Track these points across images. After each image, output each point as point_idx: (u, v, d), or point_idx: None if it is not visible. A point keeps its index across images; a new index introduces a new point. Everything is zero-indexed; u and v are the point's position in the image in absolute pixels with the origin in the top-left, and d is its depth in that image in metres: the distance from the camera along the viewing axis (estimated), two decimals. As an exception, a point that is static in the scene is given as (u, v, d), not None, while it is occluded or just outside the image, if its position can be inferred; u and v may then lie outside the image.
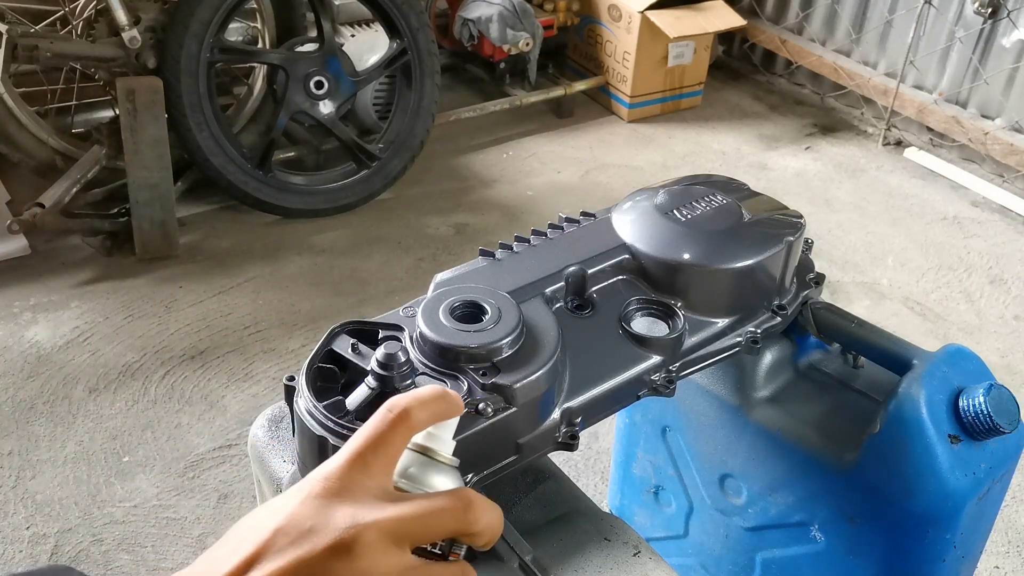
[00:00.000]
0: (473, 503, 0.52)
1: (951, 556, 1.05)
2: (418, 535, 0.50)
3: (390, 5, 2.57)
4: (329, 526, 0.47)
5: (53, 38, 2.33)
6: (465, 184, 2.89)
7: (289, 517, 0.48)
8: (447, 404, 0.57)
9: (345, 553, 0.47)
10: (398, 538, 0.49)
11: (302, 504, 0.49)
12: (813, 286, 1.11)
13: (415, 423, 0.54)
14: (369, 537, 0.47)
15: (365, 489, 0.50)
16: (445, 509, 0.51)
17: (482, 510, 0.53)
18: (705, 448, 1.24)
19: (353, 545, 0.47)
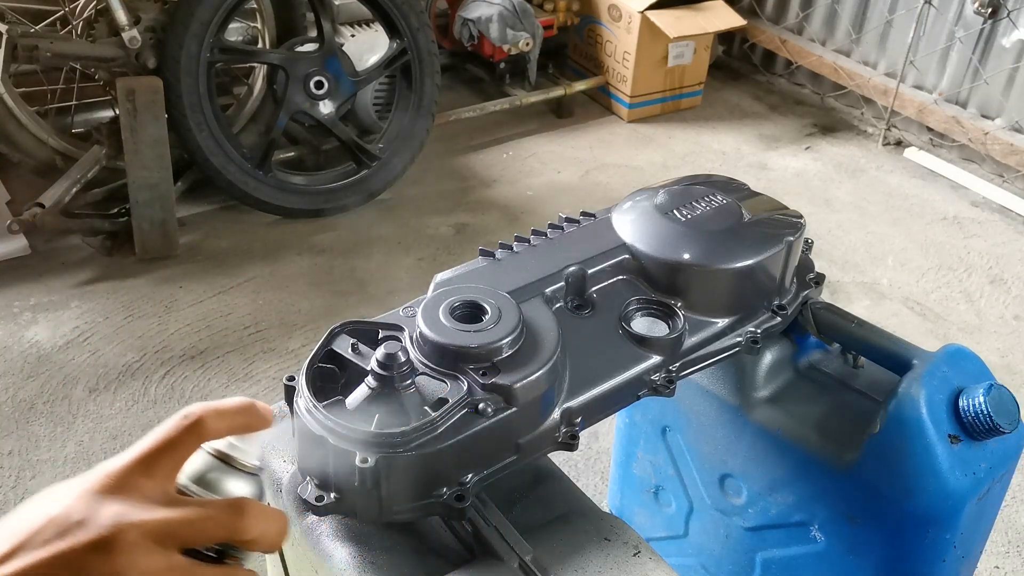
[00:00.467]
0: (246, 511, 0.53)
1: (951, 556, 1.05)
2: (184, 538, 0.51)
3: (390, 5, 2.57)
4: (94, 522, 0.49)
5: (53, 38, 2.33)
6: (465, 184, 2.89)
7: (62, 508, 0.50)
8: (248, 417, 0.58)
9: (104, 550, 0.48)
10: (162, 539, 0.50)
11: (78, 498, 0.50)
12: (813, 286, 1.11)
13: (208, 431, 0.56)
14: (130, 536, 0.49)
15: (140, 490, 0.52)
16: (213, 517, 0.52)
17: (255, 518, 0.54)
18: (705, 448, 1.24)
19: (113, 542, 0.48)
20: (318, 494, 0.79)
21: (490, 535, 0.82)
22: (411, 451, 0.76)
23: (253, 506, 0.54)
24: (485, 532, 0.82)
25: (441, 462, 0.78)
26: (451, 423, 0.78)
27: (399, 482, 0.78)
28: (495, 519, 0.83)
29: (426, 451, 0.76)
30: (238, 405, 0.58)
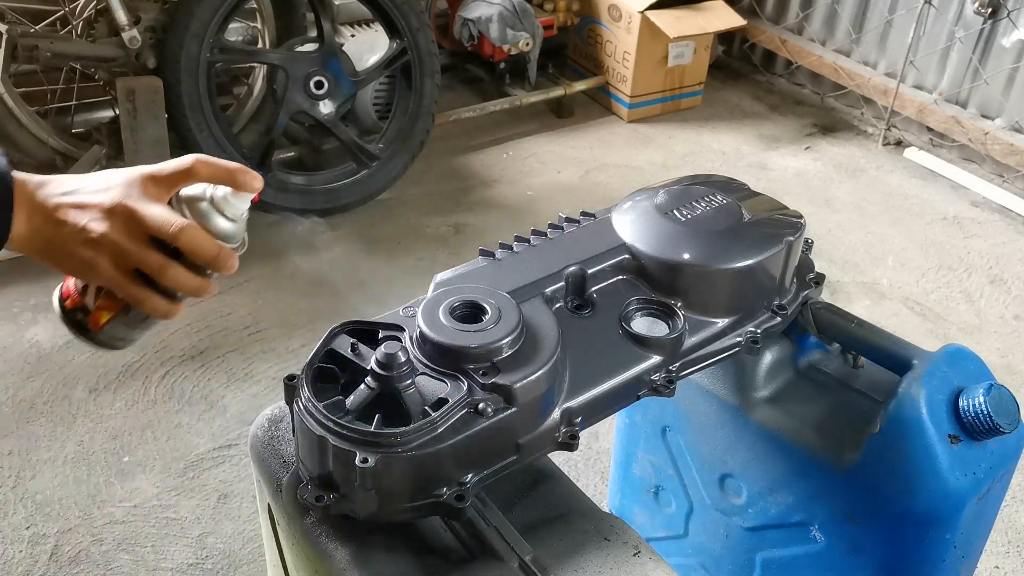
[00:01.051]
0: (185, 228, 0.78)
1: (951, 556, 1.05)
2: (146, 227, 0.78)
3: (390, 5, 2.57)
4: (110, 193, 0.78)
5: (53, 38, 2.33)
6: (465, 184, 2.89)
7: (105, 181, 0.79)
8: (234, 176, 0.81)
9: (105, 212, 0.77)
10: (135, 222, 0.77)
11: (113, 177, 0.79)
12: (813, 286, 1.11)
13: (195, 174, 0.80)
14: (118, 210, 0.77)
15: (145, 189, 0.79)
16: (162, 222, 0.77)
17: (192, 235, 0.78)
18: (705, 448, 1.24)
19: (112, 210, 0.77)
20: (318, 494, 0.79)
21: (490, 535, 0.82)
22: (411, 451, 0.76)
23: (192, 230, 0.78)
24: (485, 532, 0.82)
25: (441, 462, 0.78)
26: (451, 423, 0.78)
27: (399, 482, 0.78)
28: (495, 519, 0.83)
29: (426, 451, 0.76)
30: (229, 166, 0.81)
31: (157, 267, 0.79)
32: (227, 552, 1.67)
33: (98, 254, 0.78)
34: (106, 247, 0.77)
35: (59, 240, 0.78)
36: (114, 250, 0.78)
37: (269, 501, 0.95)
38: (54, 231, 0.78)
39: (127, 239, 0.77)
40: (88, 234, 0.77)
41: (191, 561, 1.66)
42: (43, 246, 0.79)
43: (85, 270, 0.80)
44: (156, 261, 0.79)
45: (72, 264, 0.79)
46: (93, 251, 0.78)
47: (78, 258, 0.78)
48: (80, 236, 0.78)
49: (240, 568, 1.65)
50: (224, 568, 1.65)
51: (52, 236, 0.78)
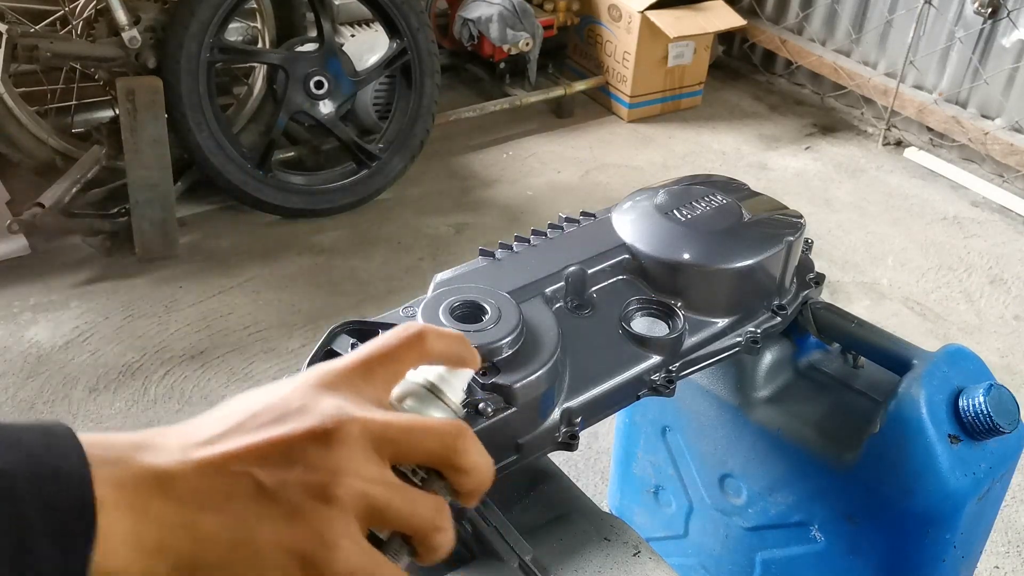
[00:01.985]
0: (466, 433, 0.49)
1: (951, 556, 1.05)
2: (401, 447, 0.47)
3: (390, 5, 2.57)
4: (316, 410, 0.45)
5: (53, 38, 2.33)
6: (465, 184, 2.89)
7: (280, 398, 0.46)
8: (464, 349, 0.55)
9: (324, 440, 0.44)
10: (379, 443, 0.46)
11: (295, 389, 0.47)
12: (813, 286, 1.11)
13: (429, 350, 0.52)
14: (352, 430, 0.45)
15: (361, 392, 0.48)
16: (435, 428, 0.48)
17: (474, 444, 0.49)
18: (705, 448, 1.24)
19: (333, 433, 0.44)
20: (318, 494, 0.79)
21: (490, 535, 0.82)
22: (411, 451, 0.76)
23: (472, 435, 0.49)
24: (485, 532, 0.82)
25: (441, 462, 0.78)
26: (451, 423, 0.78)
27: (399, 482, 0.77)
28: (495, 519, 0.83)
29: (426, 451, 0.76)
30: (455, 334, 0.55)
31: (432, 519, 0.47)
32: (227, 552, 1.67)
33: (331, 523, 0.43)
34: (348, 502, 0.43)
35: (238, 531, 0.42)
36: (364, 505, 0.44)
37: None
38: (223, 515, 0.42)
39: (378, 481, 0.45)
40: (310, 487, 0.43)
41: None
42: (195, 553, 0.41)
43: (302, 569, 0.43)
44: (431, 509, 0.47)
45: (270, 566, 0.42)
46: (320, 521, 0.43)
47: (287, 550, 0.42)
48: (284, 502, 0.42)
49: (240, 568, 1.65)
50: (224, 568, 1.65)
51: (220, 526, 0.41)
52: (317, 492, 0.43)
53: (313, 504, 0.42)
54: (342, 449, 0.44)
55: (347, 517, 0.43)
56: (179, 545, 0.40)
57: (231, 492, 0.42)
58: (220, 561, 0.41)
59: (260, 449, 0.43)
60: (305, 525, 0.42)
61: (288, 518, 0.42)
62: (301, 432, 0.44)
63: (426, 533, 0.47)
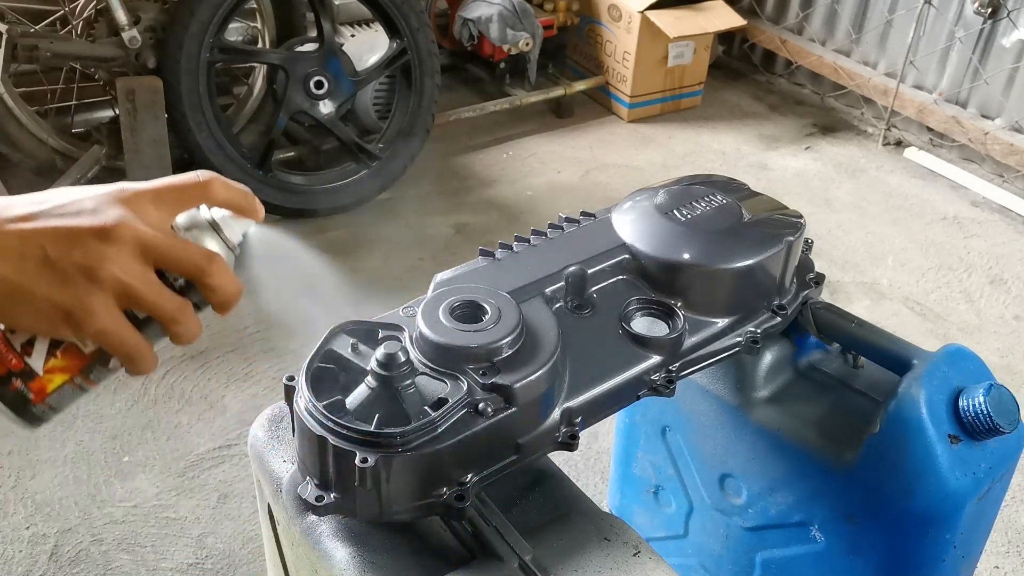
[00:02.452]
0: (215, 260, 0.63)
1: (951, 556, 1.05)
2: (161, 256, 0.61)
3: (390, 5, 2.57)
4: (104, 214, 0.59)
5: (53, 38, 2.33)
6: (465, 184, 2.89)
7: (83, 198, 0.60)
8: (247, 201, 0.69)
9: (102, 235, 0.58)
10: (145, 249, 0.60)
11: (97, 195, 0.61)
12: (813, 286, 1.11)
13: (213, 192, 0.66)
14: (125, 233, 0.59)
15: (146, 211, 0.62)
16: (191, 252, 0.63)
17: (220, 269, 0.64)
18: (705, 448, 1.24)
19: (111, 231, 0.58)
20: (318, 494, 0.79)
21: (490, 535, 0.82)
22: (411, 451, 0.76)
23: (223, 263, 0.64)
24: (485, 532, 0.82)
25: (441, 462, 0.78)
26: (451, 423, 0.78)
27: (399, 482, 0.78)
28: (495, 519, 0.83)
29: (426, 451, 0.76)
30: (242, 188, 0.69)
31: (172, 312, 0.62)
32: (227, 552, 1.67)
33: (92, 295, 0.58)
34: (108, 284, 0.58)
35: (18, 280, 0.57)
36: (117, 288, 0.59)
37: (269, 501, 0.95)
38: (14, 270, 0.57)
39: (136, 273, 0.60)
40: (79, 269, 0.57)
41: (191, 561, 1.66)
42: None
43: (65, 321, 0.59)
44: (172, 303, 0.62)
45: (39, 312, 0.58)
46: (84, 292, 0.58)
47: (55, 305, 0.58)
48: (63, 274, 0.57)
49: (240, 568, 1.65)
50: (224, 568, 1.65)
51: (9, 276, 0.57)
52: (86, 271, 0.58)
53: (82, 279, 0.58)
54: (114, 245, 0.59)
55: (106, 294, 0.59)
56: None
57: (23, 254, 0.57)
58: (8, 295, 0.57)
59: (55, 231, 0.58)
60: (72, 291, 0.58)
61: (61, 283, 0.58)
62: (87, 226, 0.58)
63: (167, 319, 0.63)
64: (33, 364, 0.64)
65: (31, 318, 0.59)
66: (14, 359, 0.63)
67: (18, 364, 0.63)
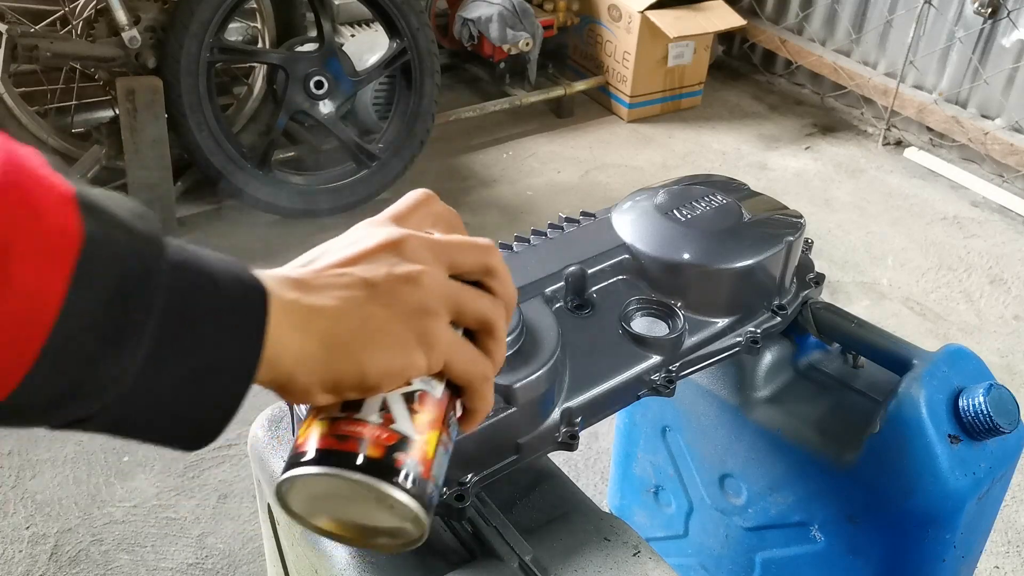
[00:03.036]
0: (494, 248, 0.56)
1: (951, 556, 1.05)
2: (452, 255, 0.53)
3: (390, 5, 2.57)
4: (378, 234, 0.53)
5: (53, 38, 2.33)
6: (465, 184, 2.89)
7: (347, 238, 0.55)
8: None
9: (395, 247, 0.52)
10: (436, 253, 0.52)
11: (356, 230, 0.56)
12: (813, 286, 1.11)
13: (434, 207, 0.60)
14: (412, 241, 0.52)
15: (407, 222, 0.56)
16: (471, 243, 0.55)
17: (500, 257, 0.56)
18: (705, 448, 1.24)
19: (400, 242, 0.52)
20: (318, 494, 0.79)
21: (490, 535, 0.82)
22: (411, 451, 0.76)
23: (496, 249, 0.56)
24: (485, 532, 0.82)
25: (441, 462, 0.78)
26: (451, 423, 0.78)
27: (399, 482, 0.77)
28: (495, 519, 0.83)
29: (426, 451, 0.76)
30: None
31: (493, 307, 0.54)
32: (227, 552, 1.67)
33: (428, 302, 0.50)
34: (433, 290, 0.51)
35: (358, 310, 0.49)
36: (444, 291, 0.51)
37: (269, 501, 0.95)
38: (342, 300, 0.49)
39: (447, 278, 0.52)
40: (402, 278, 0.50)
41: (191, 561, 1.66)
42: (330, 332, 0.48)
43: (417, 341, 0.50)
44: (490, 299, 0.54)
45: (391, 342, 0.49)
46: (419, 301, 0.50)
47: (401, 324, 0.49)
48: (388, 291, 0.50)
49: (240, 568, 1.65)
50: (224, 568, 1.65)
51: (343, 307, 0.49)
52: (407, 280, 0.50)
53: (408, 289, 0.50)
54: (413, 252, 0.52)
55: (436, 299, 0.51)
56: (319, 324, 0.48)
57: (347, 285, 0.50)
58: (353, 334, 0.48)
59: (348, 260, 0.51)
60: (407, 305, 0.50)
61: (391, 301, 0.49)
62: (375, 245, 0.52)
63: (491, 321, 0.54)
64: (404, 428, 0.49)
65: (383, 353, 0.49)
66: (381, 432, 0.49)
67: (391, 436, 0.49)
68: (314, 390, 0.48)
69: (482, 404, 0.54)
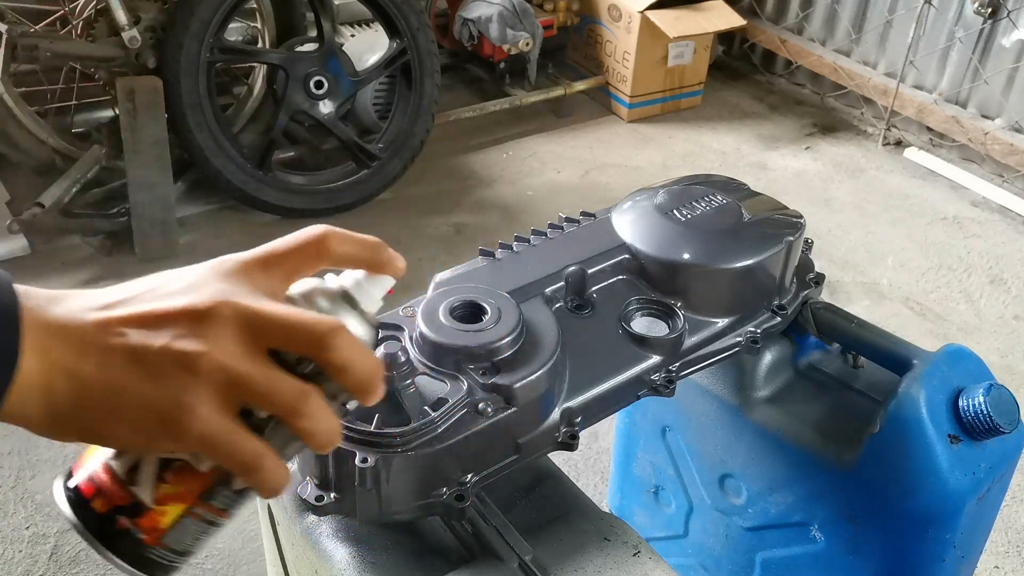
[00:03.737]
0: (338, 331, 0.50)
1: (951, 556, 1.05)
2: (272, 335, 0.49)
3: (390, 5, 2.57)
4: (200, 292, 0.50)
5: (53, 38, 2.33)
6: (465, 184, 2.89)
7: (179, 279, 0.52)
8: (375, 255, 0.56)
9: (196, 317, 0.48)
10: (251, 328, 0.49)
11: (197, 273, 0.52)
12: (813, 286, 1.11)
13: (330, 250, 0.54)
14: (225, 311, 0.49)
15: (255, 283, 0.52)
16: (305, 323, 0.50)
17: (346, 342, 0.50)
18: (705, 448, 1.24)
19: (207, 312, 0.48)
20: (318, 494, 0.79)
21: (490, 535, 0.82)
22: (411, 451, 0.76)
23: (349, 336, 0.51)
24: (485, 532, 0.82)
25: (441, 462, 0.78)
26: (451, 423, 0.78)
27: (399, 482, 0.78)
28: (495, 519, 0.83)
29: (426, 451, 0.76)
30: (369, 240, 0.56)
31: (290, 400, 0.49)
32: (227, 552, 1.67)
33: (189, 389, 0.47)
34: (207, 375, 0.47)
35: (109, 382, 0.47)
36: (221, 381, 0.48)
37: (269, 501, 0.95)
38: (98, 367, 0.47)
39: (243, 359, 0.48)
40: (172, 361, 0.47)
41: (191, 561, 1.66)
42: (75, 395, 0.47)
43: (160, 427, 0.47)
44: (291, 390, 0.49)
45: (133, 419, 0.48)
46: (179, 390, 0.47)
47: (148, 407, 0.47)
48: (150, 365, 0.47)
49: (240, 568, 1.65)
50: (224, 568, 1.65)
51: (95, 375, 0.47)
52: (180, 360, 0.47)
53: (176, 371, 0.47)
54: (212, 328, 0.48)
55: (207, 387, 0.47)
56: (63, 386, 0.47)
57: (109, 349, 0.47)
58: (95, 406, 0.47)
59: (141, 317, 0.48)
60: (165, 388, 0.47)
61: (152, 379, 0.47)
62: (178, 308, 0.49)
63: (287, 414, 0.49)
64: (141, 494, 0.50)
65: (123, 427, 0.48)
66: (118, 491, 0.51)
67: (123, 497, 0.50)
68: (69, 439, 0.49)
69: (262, 484, 0.50)
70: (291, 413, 0.49)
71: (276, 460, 0.50)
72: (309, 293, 0.55)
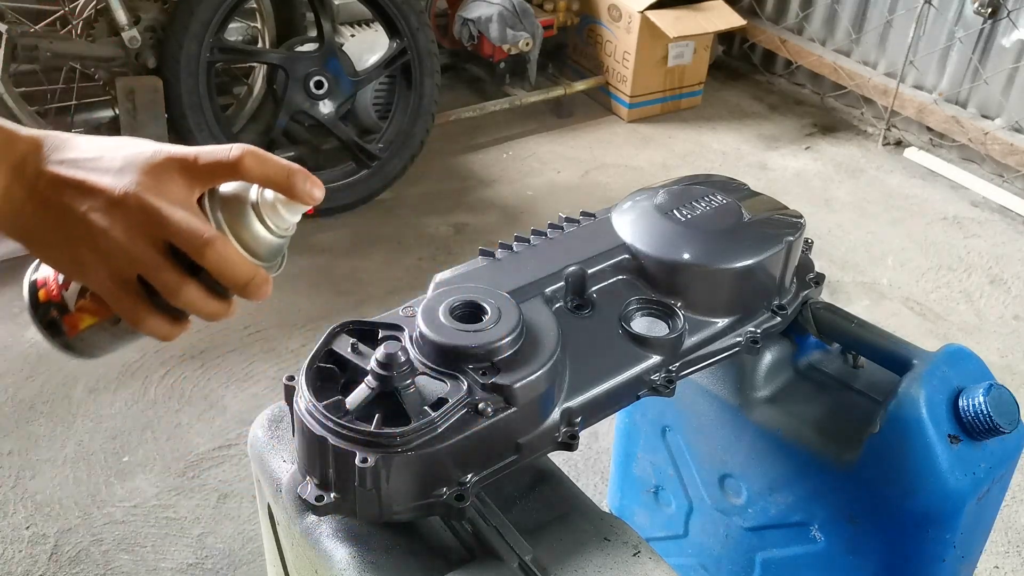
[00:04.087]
0: (214, 242, 0.61)
1: (951, 556, 1.05)
2: (157, 228, 0.61)
3: (390, 5, 2.57)
4: (121, 177, 0.61)
5: (53, 38, 2.33)
6: (465, 184, 2.89)
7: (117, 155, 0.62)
8: (288, 179, 0.64)
9: (110, 202, 0.60)
10: (150, 223, 0.60)
11: (129, 155, 0.62)
12: (813, 286, 1.11)
13: (243, 171, 0.63)
14: (131, 203, 0.60)
15: (168, 179, 0.62)
16: (185, 227, 0.60)
17: (223, 253, 0.61)
18: (705, 448, 1.24)
19: (119, 200, 0.60)
20: (318, 494, 0.79)
21: (490, 535, 0.82)
22: (411, 451, 0.76)
23: (224, 246, 0.62)
24: (485, 532, 0.82)
25: (441, 462, 0.78)
26: (451, 423, 0.78)
27: (399, 482, 0.78)
28: (495, 519, 0.83)
29: (426, 451, 0.76)
30: (286, 166, 0.64)
31: (170, 286, 0.62)
32: (227, 552, 1.67)
33: (94, 255, 0.61)
34: (107, 249, 0.60)
35: (43, 226, 0.62)
36: (117, 255, 0.61)
37: (269, 501, 0.95)
38: (37, 212, 0.61)
39: (137, 243, 0.60)
40: (86, 227, 0.60)
41: (191, 561, 1.66)
42: (19, 227, 0.62)
43: (72, 269, 0.64)
44: (170, 279, 0.62)
45: (56, 258, 0.64)
46: (88, 250, 0.61)
47: (65, 254, 0.62)
48: (73, 227, 0.61)
49: (240, 568, 1.65)
50: (224, 568, 1.65)
51: (33, 218, 0.61)
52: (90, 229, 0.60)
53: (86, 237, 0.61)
54: (118, 212, 0.60)
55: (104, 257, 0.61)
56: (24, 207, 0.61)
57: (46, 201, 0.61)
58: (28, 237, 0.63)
59: (78, 184, 0.60)
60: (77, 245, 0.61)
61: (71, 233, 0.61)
62: (101, 187, 0.60)
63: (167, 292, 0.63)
64: (67, 299, 0.67)
65: (49, 258, 0.65)
66: (55, 289, 0.68)
67: (56, 296, 0.68)
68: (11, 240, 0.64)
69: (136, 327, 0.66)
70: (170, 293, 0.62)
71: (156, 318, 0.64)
72: (228, 196, 0.64)
